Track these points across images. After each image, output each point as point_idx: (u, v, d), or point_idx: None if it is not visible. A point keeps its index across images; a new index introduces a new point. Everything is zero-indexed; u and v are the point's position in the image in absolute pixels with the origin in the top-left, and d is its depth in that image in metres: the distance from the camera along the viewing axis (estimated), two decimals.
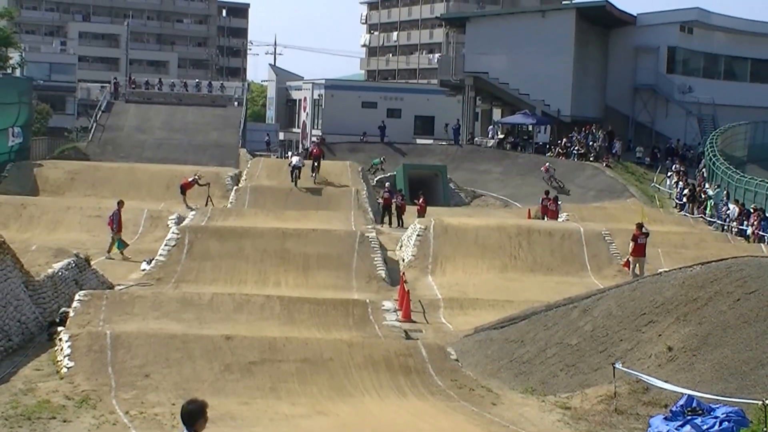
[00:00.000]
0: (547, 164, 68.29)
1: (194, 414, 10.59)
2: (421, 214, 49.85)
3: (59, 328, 24.55)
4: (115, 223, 39.27)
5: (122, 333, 23.42)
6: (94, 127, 78.03)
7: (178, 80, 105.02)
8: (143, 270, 35.04)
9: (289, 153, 60.52)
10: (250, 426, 19.14)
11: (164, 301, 27.71)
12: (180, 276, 33.77)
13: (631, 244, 35.84)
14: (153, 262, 35.23)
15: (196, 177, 51.49)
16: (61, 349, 22.69)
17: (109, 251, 38.72)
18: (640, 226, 36.76)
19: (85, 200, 50.02)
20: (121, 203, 40.32)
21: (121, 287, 31.63)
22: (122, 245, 38.72)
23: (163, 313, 26.70)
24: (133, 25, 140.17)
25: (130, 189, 51.50)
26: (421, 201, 51.75)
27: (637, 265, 35.68)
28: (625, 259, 36.77)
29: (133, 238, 40.46)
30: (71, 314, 25.78)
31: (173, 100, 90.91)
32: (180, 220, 41.73)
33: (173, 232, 36.89)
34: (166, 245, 35.94)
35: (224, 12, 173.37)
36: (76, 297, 26.78)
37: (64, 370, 21.72)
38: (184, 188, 50.36)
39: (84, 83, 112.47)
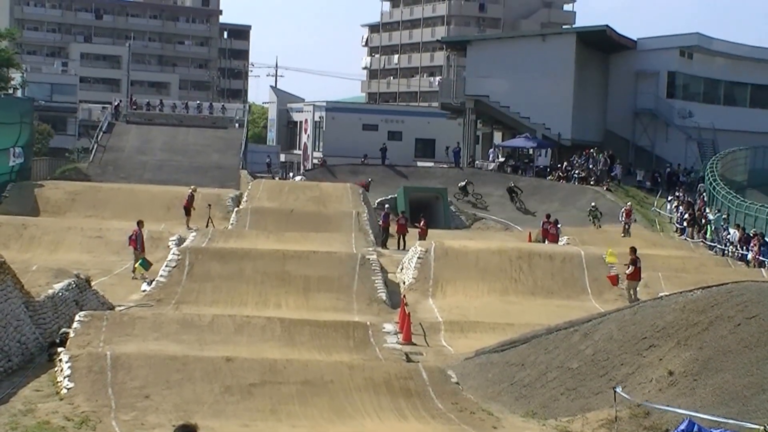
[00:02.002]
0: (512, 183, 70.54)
1: None
2: (423, 236, 49.92)
3: (59, 349, 24.51)
4: (138, 243, 39.42)
5: (122, 354, 23.40)
6: (95, 147, 78.15)
7: (179, 101, 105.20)
8: (144, 291, 35.02)
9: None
10: None
11: (164, 322, 27.69)
12: (180, 297, 33.74)
13: (631, 267, 35.94)
14: (153, 283, 35.22)
15: (191, 190, 51.67)
16: (61, 370, 22.66)
17: (134, 271, 38.75)
18: (634, 250, 36.91)
19: (86, 221, 50.00)
20: (141, 223, 40.44)
21: (122, 308, 31.60)
22: (146, 264, 38.56)
23: (164, 334, 26.67)
24: (135, 47, 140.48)
25: (131, 210, 51.43)
26: (422, 224, 51.80)
27: (631, 289, 35.87)
28: (614, 274, 37.06)
29: (132, 259, 40.42)
30: (71, 335, 25.76)
31: (174, 122, 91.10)
32: (181, 241, 41.72)
33: (174, 254, 36.88)
34: (166, 266, 35.92)
35: (225, 34, 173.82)
36: (77, 318, 26.76)
37: (64, 390, 21.69)
38: (187, 209, 50.40)
39: (85, 104, 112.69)
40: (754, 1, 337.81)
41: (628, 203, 59.23)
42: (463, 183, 71.88)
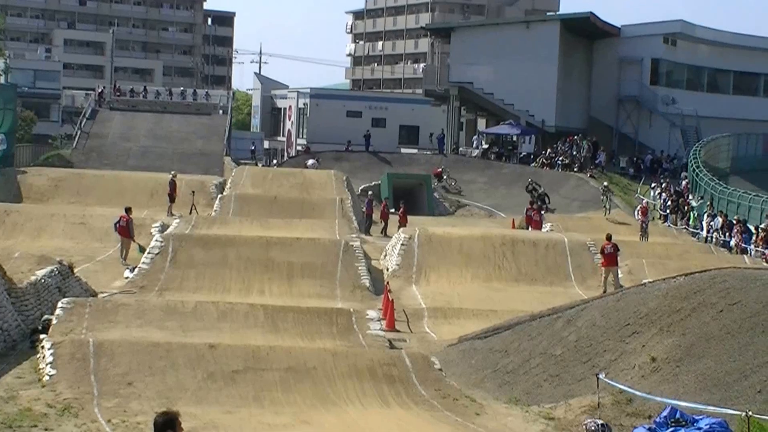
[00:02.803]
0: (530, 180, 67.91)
1: (162, 426, 10.43)
2: (402, 223, 49.96)
3: (42, 336, 24.46)
4: (131, 230, 39.46)
5: (105, 341, 23.36)
6: (78, 134, 77.88)
7: (163, 88, 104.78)
8: (127, 278, 34.95)
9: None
10: None
11: (147, 309, 27.65)
12: (164, 284, 33.71)
13: (599, 256, 36.63)
14: (136, 270, 35.16)
15: (172, 176, 51.70)
16: (44, 357, 22.62)
17: (126, 257, 38.70)
18: (608, 237, 37.13)
19: (69, 208, 49.90)
20: (129, 210, 40.46)
21: (105, 295, 31.53)
22: (142, 249, 38.51)
23: (147, 321, 26.64)
24: (119, 33, 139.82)
25: (115, 197, 51.36)
26: (401, 211, 51.71)
27: (610, 274, 36.11)
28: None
29: (116, 245, 40.35)
30: (54, 322, 25.71)
31: (158, 108, 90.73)
32: (164, 228, 41.64)
33: (157, 240, 36.83)
34: (149, 253, 35.89)
35: (210, 21, 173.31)
36: (59, 305, 26.70)
37: (46, 378, 21.65)
38: (171, 195, 50.43)
39: (69, 90, 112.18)
40: None
41: (645, 200, 58.04)
42: (439, 169, 71.91)
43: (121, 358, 22.38)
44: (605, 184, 60.77)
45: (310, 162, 69.18)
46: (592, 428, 15.40)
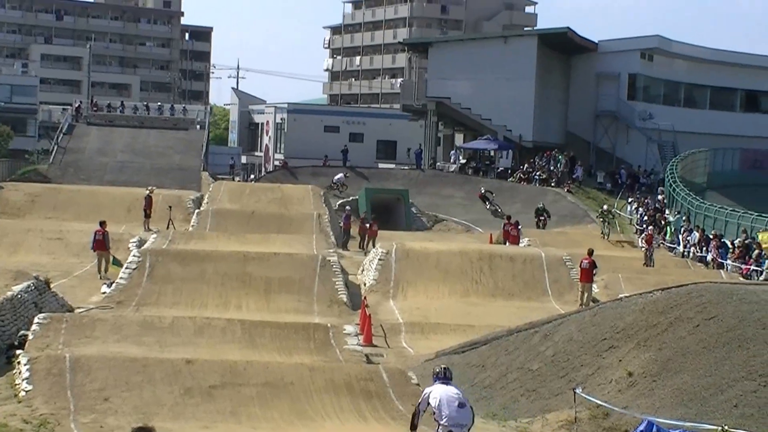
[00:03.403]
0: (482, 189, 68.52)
1: None
2: (372, 237, 50.15)
3: (18, 351, 24.37)
4: (107, 242, 39.51)
5: (82, 356, 23.27)
6: (55, 149, 77.70)
7: (140, 103, 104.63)
8: (104, 293, 34.85)
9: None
10: None
11: (125, 324, 27.58)
12: (141, 299, 33.61)
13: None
14: (114, 285, 35.06)
15: (148, 191, 51.69)
16: (20, 372, 22.52)
17: (106, 271, 38.67)
18: (590, 252, 37.28)
19: (46, 223, 49.72)
20: (104, 223, 40.42)
21: (82, 310, 31.43)
22: (119, 263, 38.55)
23: (124, 336, 26.56)
24: (96, 48, 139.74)
25: (92, 212, 51.17)
26: (372, 226, 51.61)
27: (584, 291, 36.32)
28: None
29: (92, 260, 40.24)
30: (30, 337, 25.62)
31: (135, 123, 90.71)
32: (141, 243, 41.55)
33: (134, 255, 36.74)
34: (127, 268, 35.79)
35: (187, 35, 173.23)
36: (36, 320, 26.61)
37: (23, 393, 21.56)
38: (147, 211, 50.38)
39: (46, 105, 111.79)
40: (713, 4, 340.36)
41: (649, 228, 52.83)
42: (481, 192, 70.51)
43: (97, 373, 22.30)
44: (605, 207, 59.22)
45: (338, 177, 69.41)
46: (437, 370, 17.33)
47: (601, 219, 57.19)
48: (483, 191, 66.87)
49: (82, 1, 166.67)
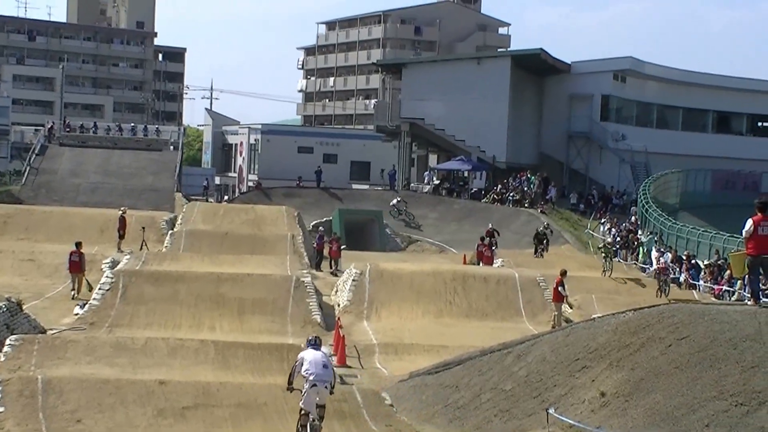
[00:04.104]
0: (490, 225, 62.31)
1: None
2: (334, 257, 50.20)
3: None
4: (83, 264, 39.75)
5: (54, 378, 23.17)
6: (27, 170, 77.51)
7: (113, 124, 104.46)
8: (76, 314, 34.72)
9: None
10: None
11: (97, 345, 27.46)
12: (114, 320, 33.50)
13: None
14: (86, 306, 34.93)
15: (122, 212, 51.65)
16: None
17: (79, 291, 38.63)
18: (562, 273, 37.56)
19: (18, 244, 49.52)
20: (80, 244, 40.39)
21: (54, 332, 31.30)
22: (90, 287, 38.63)
23: (96, 357, 26.45)
24: (69, 69, 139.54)
25: (64, 233, 50.98)
26: (334, 246, 51.47)
27: (556, 312, 36.65)
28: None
29: (65, 281, 40.10)
30: (2, 359, 25.47)
31: (108, 144, 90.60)
32: (114, 264, 41.43)
33: (107, 276, 36.62)
34: (100, 289, 35.68)
35: (160, 56, 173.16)
36: (7, 341, 26.46)
37: None
38: (120, 231, 50.31)
39: (18, 126, 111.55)
40: (686, 26, 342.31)
41: (662, 260, 48.34)
42: (396, 201, 72.20)
43: (70, 395, 22.20)
44: (608, 241, 54.43)
45: (393, 202, 69.52)
46: (310, 338, 21.29)
47: (603, 254, 51.33)
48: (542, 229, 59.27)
49: (54, 22, 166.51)
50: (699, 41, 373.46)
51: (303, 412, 20.43)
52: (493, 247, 53.16)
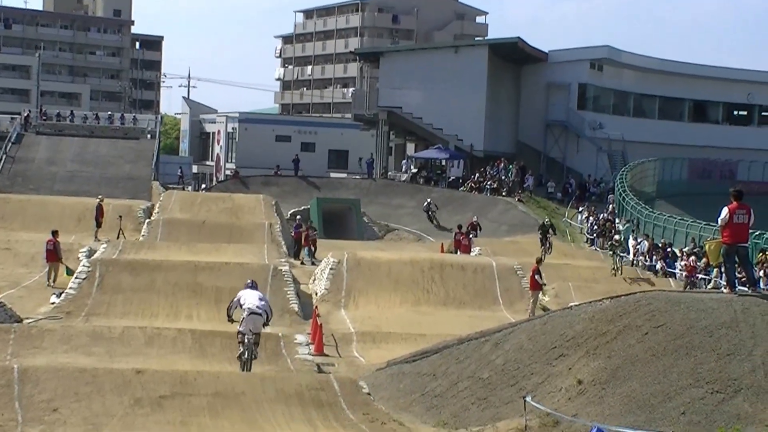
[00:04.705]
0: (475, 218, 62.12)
1: None
2: (306, 246, 50.12)
3: None
4: (58, 252, 39.38)
5: (30, 367, 23.10)
6: (3, 159, 77.07)
7: (90, 112, 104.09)
8: (53, 303, 34.61)
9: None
10: None
11: (74, 334, 27.41)
12: (90, 309, 33.42)
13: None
14: (63, 295, 34.83)
15: (99, 200, 51.55)
16: None
17: (55, 281, 38.55)
18: (538, 261, 37.69)
19: None
20: (56, 233, 40.31)
21: (30, 321, 31.21)
22: (71, 270, 38.55)
23: (73, 347, 26.40)
24: (45, 57, 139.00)
25: (41, 222, 50.85)
26: (304, 233, 51.37)
27: (533, 299, 36.79)
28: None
29: (41, 271, 39.99)
30: None
31: (85, 133, 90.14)
32: (91, 253, 41.32)
33: (84, 265, 36.52)
34: (76, 278, 35.58)
35: (137, 44, 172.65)
36: None
37: None
38: (98, 220, 50.20)
39: None
40: (663, 15, 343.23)
41: (690, 258, 46.12)
42: (427, 201, 69.79)
43: (46, 384, 22.13)
44: (616, 237, 51.18)
45: (427, 202, 68.23)
46: (248, 281, 26.57)
47: (611, 253, 49.94)
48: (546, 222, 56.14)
49: (31, 10, 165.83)
50: (676, 31, 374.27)
51: (240, 336, 25.17)
52: (471, 236, 53.22)
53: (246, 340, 24.85)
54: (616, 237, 51.51)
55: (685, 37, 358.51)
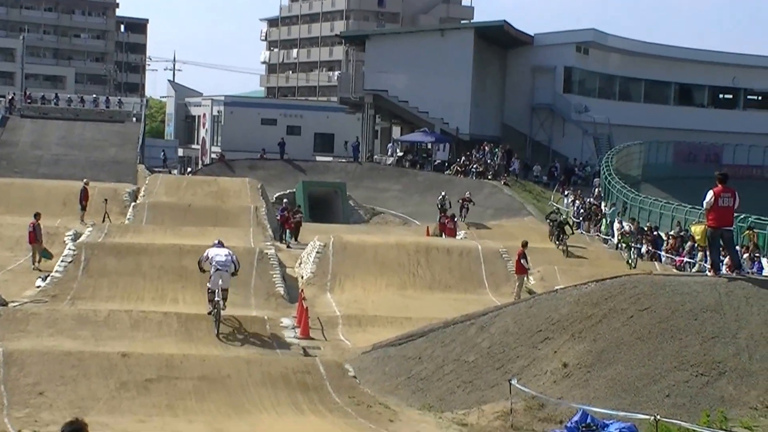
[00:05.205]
0: (468, 193, 60.42)
1: None
2: (289, 228, 50.01)
3: None
4: (38, 235, 39.11)
5: (15, 350, 23.08)
6: None
7: (75, 95, 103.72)
8: (38, 287, 34.53)
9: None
10: None
11: (59, 318, 27.37)
12: (76, 293, 33.34)
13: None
14: (48, 278, 34.75)
15: (84, 183, 51.42)
16: None
17: (35, 263, 38.50)
18: (524, 244, 37.67)
19: None
20: (38, 215, 40.17)
21: (15, 304, 31.14)
22: (48, 255, 38.46)
23: (58, 330, 26.37)
24: (29, 39, 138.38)
25: (26, 205, 50.61)
26: (289, 217, 51.29)
27: (518, 283, 36.81)
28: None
29: (27, 254, 39.90)
30: None
31: (70, 116, 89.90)
32: (77, 236, 41.22)
33: (69, 249, 36.44)
34: (62, 262, 35.48)
35: (122, 27, 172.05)
36: None
37: None
38: (83, 203, 50.09)
39: None
40: None
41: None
42: (441, 195, 58.69)
43: (31, 367, 22.12)
44: (625, 227, 50.13)
45: (442, 195, 63.09)
46: (215, 240, 31.08)
47: (624, 244, 48.54)
48: (558, 217, 52.80)
49: None
50: (661, 14, 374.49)
51: (210, 291, 28.52)
52: (465, 211, 53.36)
53: (215, 299, 28.06)
54: (626, 226, 50.24)
55: (671, 21, 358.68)
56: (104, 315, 27.78)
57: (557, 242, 49.92)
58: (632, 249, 47.20)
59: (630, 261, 46.56)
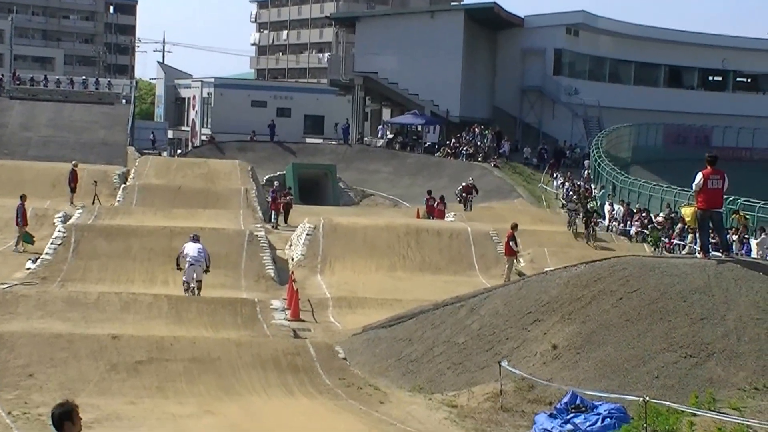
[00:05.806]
0: (470, 179, 59.20)
1: (59, 417, 10.27)
2: (276, 210, 49.90)
3: None
4: (20, 217, 39.12)
5: (5, 333, 23.10)
6: None
7: (64, 77, 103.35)
8: (28, 269, 34.54)
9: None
10: (137, 426, 19.00)
11: (49, 300, 27.38)
12: (66, 275, 33.37)
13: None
14: (38, 260, 34.75)
15: (73, 165, 51.37)
16: None
17: (17, 245, 38.49)
18: (513, 226, 37.67)
19: None
20: (23, 197, 40.10)
21: (5, 286, 31.14)
22: (29, 239, 38.46)
23: (48, 312, 26.39)
24: (18, 20, 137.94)
25: (15, 187, 50.47)
26: (277, 198, 51.22)
27: (508, 265, 36.83)
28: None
29: (16, 236, 39.87)
30: None
31: (59, 98, 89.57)
32: (66, 218, 41.19)
33: (59, 231, 36.45)
34: (52, 244, 35.50)
35: (112, 8, 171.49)
36: None
37: None
38: (72, 185, 50.05)
39: None
40: None
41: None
42: (461, 186, 57.75)
43: (21, 349, 22.14)
44: (658, 220, 47.57)
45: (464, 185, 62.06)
46: (191, 235, 32.06)
47: (650, 241, 46.37)
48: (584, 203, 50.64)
49: None
50: None
51: (185, 283, 30.61)
52: (469, 204, 53.53)
53: (189, 288, 30.50)
54: (659, 217, 47.85)
55: (661, 3, 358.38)
56: (94, 297, 27.79)
57: (585, 234, 48.38)
58: (657, 246, 44.93)
59: (588, 236, 47.57)
